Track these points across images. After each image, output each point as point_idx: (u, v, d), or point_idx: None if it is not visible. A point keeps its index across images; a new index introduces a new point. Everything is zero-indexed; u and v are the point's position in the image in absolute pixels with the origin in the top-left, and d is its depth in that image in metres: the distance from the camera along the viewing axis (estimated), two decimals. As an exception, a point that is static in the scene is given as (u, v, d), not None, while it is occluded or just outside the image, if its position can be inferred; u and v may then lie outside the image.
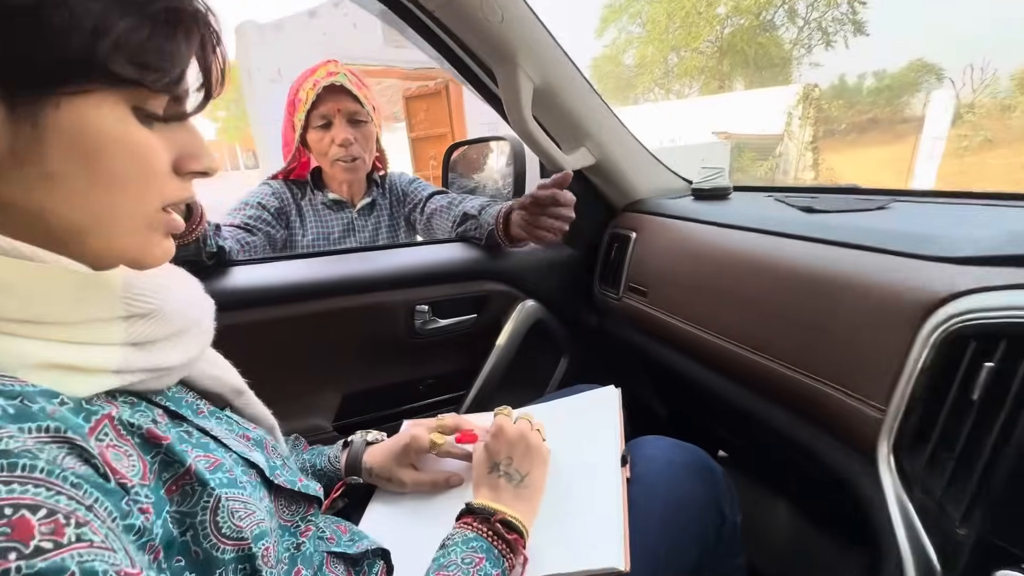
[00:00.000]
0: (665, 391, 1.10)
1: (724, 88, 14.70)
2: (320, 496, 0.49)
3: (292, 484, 0.46)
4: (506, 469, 0.56)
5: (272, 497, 0.44)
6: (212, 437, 0.41)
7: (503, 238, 0.95)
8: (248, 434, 0.46)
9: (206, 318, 0.45)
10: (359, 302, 0.92)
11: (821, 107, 9.03)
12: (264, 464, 0.43)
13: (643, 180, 1.04)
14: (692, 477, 0.59)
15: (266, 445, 0.48)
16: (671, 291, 0.86)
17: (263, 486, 0.43)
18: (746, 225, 0.76)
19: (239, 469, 0.41)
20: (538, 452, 0.57)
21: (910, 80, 15.29)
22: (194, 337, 0.42)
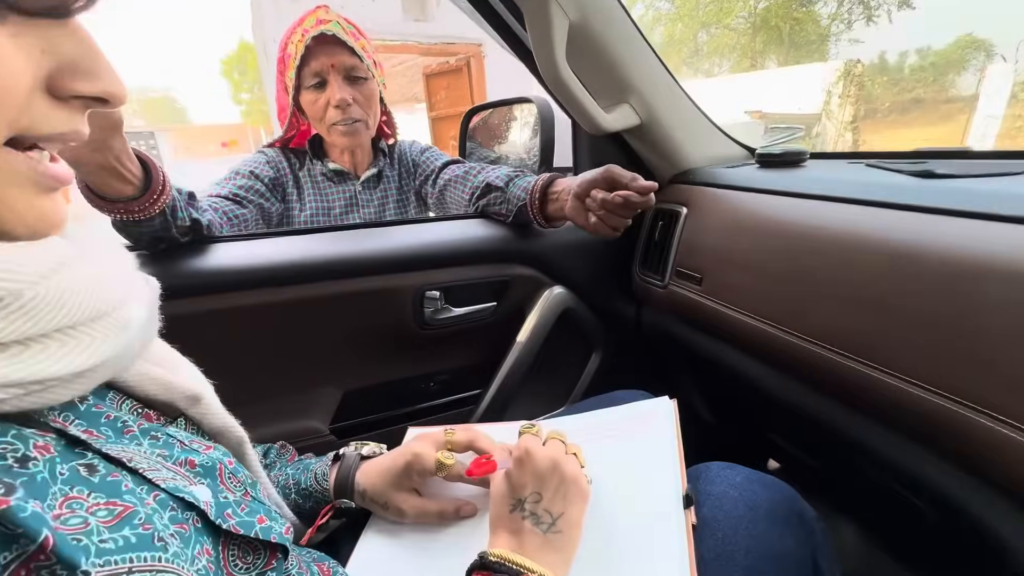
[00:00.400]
0: (716, 396, 0.95)
1: (756, 66, 14.08)
2: (287, 544, 0.37)
3: (248, 528, 0.34)
4: (533, 508, 0.42)
5: (220, 546, 0.32)
6: (130, 471, 0.29)
7: (537, 215, 0.80)
8: (194, 458, 0.35)
9: (136, 305, 0.33)
10: (361, 286, 0.78)
11: (863, 85, 8.53)
12: (209, 501, 0.32)
13: (696, 146, 0.87)
14: (780, 525, 0.45)
15: (220, 471, 0.36)
16: (734, 278, 0.71)
17: (205, 534, 0.31)
18: (840, 195, 0.60)
19: (166, 515, 0.29)
20: (575, 486, 0.43)
21: (957, 57, 14.39)
22: (108, 331, 0.30)
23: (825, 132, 8.23)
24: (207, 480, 0.34)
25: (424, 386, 0.92)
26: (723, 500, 0.46)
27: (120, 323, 0.32)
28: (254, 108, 22.22)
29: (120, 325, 0.32)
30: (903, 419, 0.49)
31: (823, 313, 0.57)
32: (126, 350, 0.33)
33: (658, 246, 0.87)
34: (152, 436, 0.34)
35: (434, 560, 0.50)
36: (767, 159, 0.79)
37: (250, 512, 0.35)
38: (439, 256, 0.82)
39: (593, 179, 0.70)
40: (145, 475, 0.29)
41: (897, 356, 0.48)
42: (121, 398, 0.35)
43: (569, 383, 1.01)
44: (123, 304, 0.33)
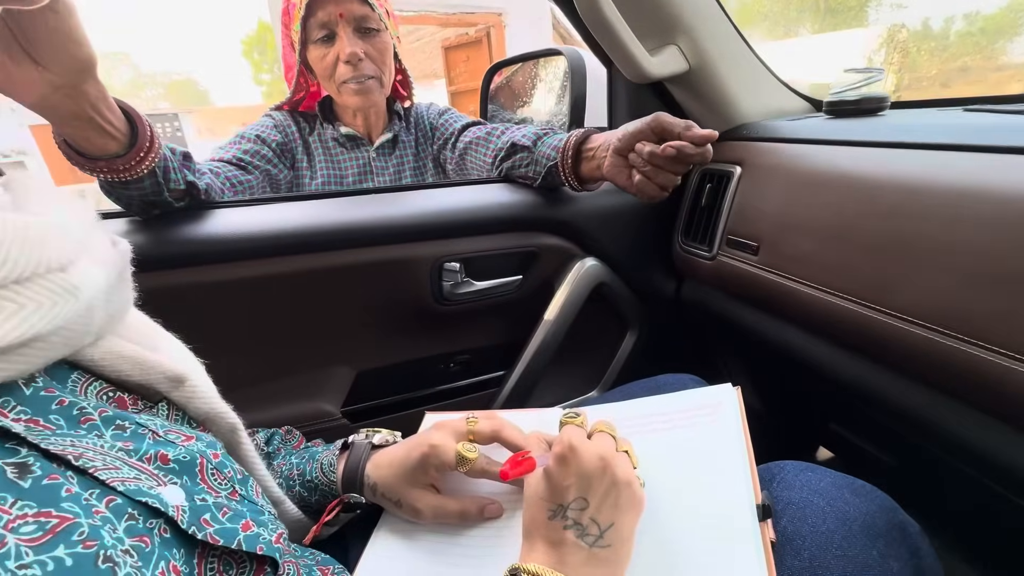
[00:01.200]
0: (767, 381, 0.86)
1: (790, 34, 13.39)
2: (275, 555, 0.31)
3: (229, 538, 0.28)
4: (577, 516, 0.34)
5: (195, 559, 0.27)
6: (77, 471, 0.24)
7: (570, 177, 0.71)
8: (168, 452, 0.29)
9: (91, 267, 0.28)
10: (374, 256, 0.71)
11: (907, 52, 8.01)
12: (181, 505, 0.27)
13: (752, 98, 0.76)
14: (881, 543, 0.36)
15: (201, 467, 0.31)
16: (799, 246, 0.61)
17: (174, 546, 0.26)
18: (944, 141, 0.49)
19: (122, 526, 0.24)
20: (628, 489, 0.35)
21: (1009, 21, 13.42)
22: (45, 296, 0.25)
23: (864, 103, 7.77)
24: (182, 478, 0.29)
25: (443, 367, 0.85)
26: (807, 510, 0.38)
27: (64, 287, 0.26)
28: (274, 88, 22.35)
29: (65, 289, 0.26)
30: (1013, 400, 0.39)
31: (924, 286, 0.47)
32: (79, 322, 0.27)
33: (705, 212, 0.77)
34: (117, 426, 0.29)
35: (455, 568, 0.43)
36: (839, 108, 0.68)
37: (234, 516, 0.30)
38: (459, 224, 0.74)
39: (638, 130, 0.60)
40: (97, 476, 0.24)
41: (1012, 332, 0.38)
42: (87, 380, 0.30)
43: (602, 365, 0.92)
44: (71, 265, 0.27)
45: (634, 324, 0.90)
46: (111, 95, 0.51)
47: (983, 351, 0.42)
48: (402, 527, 0.47)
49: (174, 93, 29.35)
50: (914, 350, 0.48)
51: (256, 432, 0.54)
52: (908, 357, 0.49)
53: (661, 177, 0.59)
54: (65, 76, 0.45)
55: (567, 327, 0.82)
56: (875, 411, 0.59)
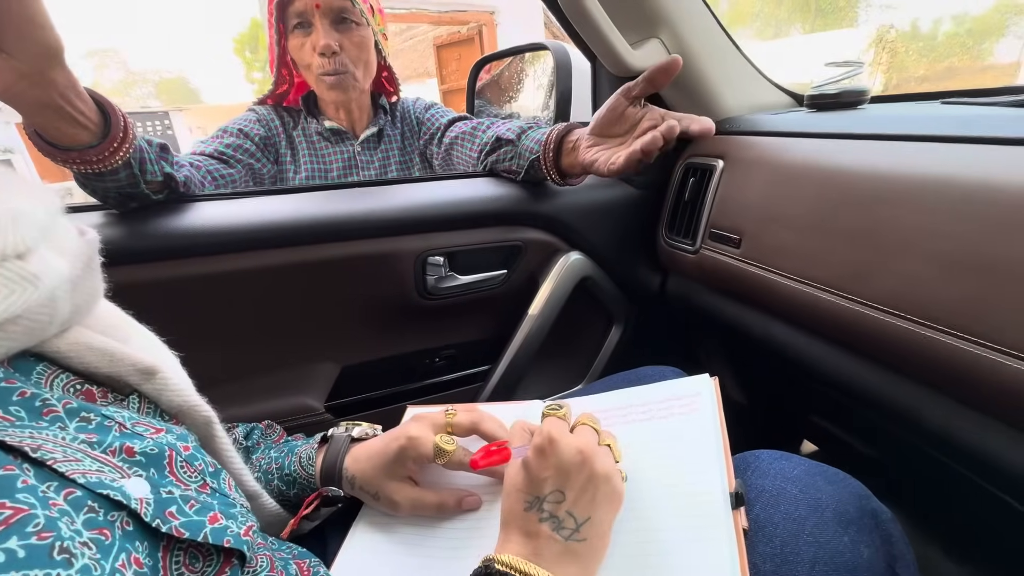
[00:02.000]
0: (750, 374, 0.86)
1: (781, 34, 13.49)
2: (243, 548, 0.30)
3: (195, 530, 0.28)
4: (553, 509, 0.34)
5: (159, 552, 0.26)
6: (34, 463, 0.23)
7: (551, 171, 0.71)
8: (134, 444, 0.29)
9: (52, 256, 0.28)
10: (357, 250, 0.70)
11: (896, 52, 8.09)
12: (145, 498, 0.26)
13: (735, 92, 0.77)
14: (852, 529, 0.36)
15: (170, 459, 0.30)
16: (780, 238, 0.61)
17: (137, 538, 0.25)
18: (921, 132, 0.49)
19: (80, 519, 0.23)
20: (607, 484, 0.35)
21: (996, 23, 13.58)
22: (3, 282, 0.25)
23: (853, 103, 7.83)
24: (148, 471, 0.29)
25: (428, 361, 0.84)
26: (780, 498, 0.38)
27: (22, 275, 0.26)
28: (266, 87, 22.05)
29: (22, 277, 0.26)
30: (1006, 402, 0.40)
31: (898, 275, 0.47)
32: (39, 309, 0.27)
33: (688, 206, 0.77)
34: (82, 418, 0.28)
35: (432, 559, 0.43)
36: (820, 101, 0.68)
37: (201, 509, 0.29)
38: (443, 218, 0.74)
39: (609, 107, 0.63)
40: (55, 468, 0.24)
41: (1007, 328, 0.39)
42: (53, 372, 0.30)
43: (587, 359, 0.92)
44: (29, 253, 0.26)
45: (619, 318, 0.90)
46: (81, 85, 0.51)
47: (953, 339, 0.42)
48: (381, 520, 0.47)
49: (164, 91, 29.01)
50: (889, 339, 0.48)
51: (236, 426, 0.54)
52: (884, 346, 0.49)
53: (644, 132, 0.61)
54: (31, 63, 0.44)
55: (552, 321, 0.82)
56: (854, 402, 0.59)
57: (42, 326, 0.28)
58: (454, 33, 5.83)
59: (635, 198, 0.84)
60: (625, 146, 0.61)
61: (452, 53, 5.91)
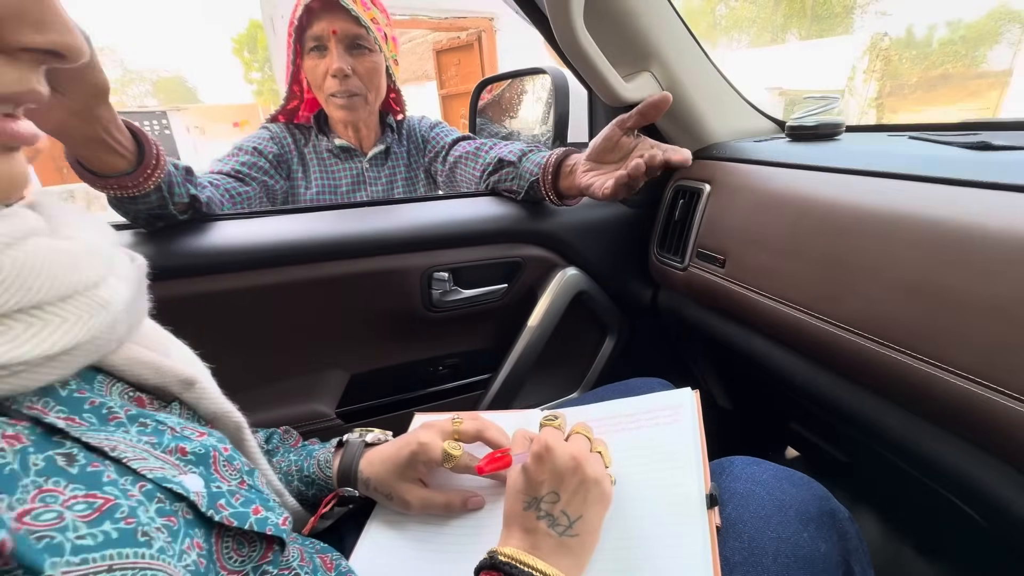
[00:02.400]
0: (735, 384, 0.91)
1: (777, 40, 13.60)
2: (283, 536, 0.35)
3: (242, 520, 0.32)
4: (549, 508, 0.39)
5: (212, 539, 0.30)
6: (113, 460, 0.27)
7: (550, 192, 0.76)
8: (186, 445, 0.33)
9: (117, 283, 0.31)
10: (368, 267, 0.75)
11: (890, 59, 8.18)
12: (201, 492, 0.30)
13: (721, 119, 0.82)
14: (812, 527, 0.41)
15: (214, 459, 0.34)
16: (760, 260, 0.66)
17: (195, 526, 0.29)
18: (884, 169, 0.55)
19: (152, 508, 0.27)
20: (597, 487, 0.40)
21: (989, 30, 13.72)
22: (83, 311, 0.28)
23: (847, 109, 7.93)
24: (199, 468, 0.32)
25: (432, 370, 0.89)
26: (749, 499, 0.43)
27: (98, 302, 0.30)
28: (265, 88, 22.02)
29: (98, 304, 0.30)
30: (960, 420, 0.45)
31: (861, 298, 0.52)
32: (107, 332, 0.31)
33: (678, 226, 0.82)
34: (140, 423, 0.32)
35: (441, 554, 0.48)
36: (799, 132, 0.73)
37: (245, 502, 0.33)
38: (447, 236, 0.79)
39: (604, 137, 0.69)
40: (130, 465, 0.28)
41: (950, 349, 0.44)
42: (111, 382, 0.33)
43: (582, 368, 0.98)
44: (102, 282, 0.31)
45: (613, 330, 0.95)
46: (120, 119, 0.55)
47: (909, 358, 0.47)
48: (393, 518, 0.52)
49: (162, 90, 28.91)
50: (855, 356, 0.53)
51: (256, 432, 0.58)
52: (850, 363, 0.55)
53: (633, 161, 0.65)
54: (82, 101, 0.48)
55: (549, 333, 0.87)
56: (826, 412, 0.64)
57: (107, 344, 0.31)
58: (454, 39, 5.89)
59: (629, 217, 0.89)
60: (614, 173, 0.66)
61: (451, 58, 5.96)
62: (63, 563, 0.21)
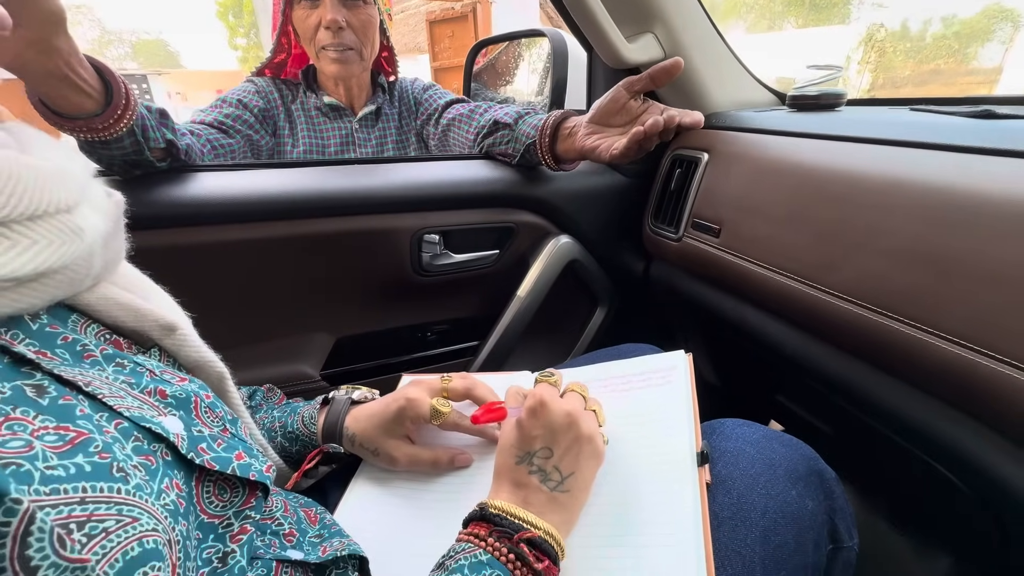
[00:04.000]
0: (723, 356, 0.92)
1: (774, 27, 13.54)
2: (267, 482, 0.33)
3: (224, 464, 0.31)
4: (542, 464, 0.39)
5: (193, 482, 0.29)
6: (87, 396, 0.26)
7: (547, 155, 0.74)
8: (166, 388, 0.31)
9: (91, 213, 0.30)
10: (356, 225, 0.73)
11: (884, 51, 8.19)
12: (180, 434, 0.29)
13: (723, 89, 0.80)
14: (800, 485, 0.42)
15: (195, 404, 0.33)
16: (756, 230, 0.66)
17: (175, 467, 0.28)
18: (885, 137, 0.54)
19: (129, 446, 0.26)
20: (590, 446, 0.40)
21: (982, 27, 13.80)
22: (53, 235, 0.27)
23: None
24: (180, 412, 0.31)
25: (420, 335, 0.88)
26: (739, 457, 0.43)
27: (71, 228, 0.28)
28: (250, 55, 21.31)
29: (71, 231, 0.28)
30: (949, 385, 0.45)
31: (858, 267, 0.52)
32: (82, 264, 0.29)
33: (674, 196, 0.81)
34: (118, 363, 0.31)
35: (427, 510, 0.47)
36: (801, 101, 0.72)
37: (227, 447, 0.32)
38: (439, 197, 0.77)
39: (610, 98, 0.67)
40: (105, 401, 0.26)
41: (949, 317, 0.44)
42: (86, 322, 0.32)
43: (571, 338, 0.97)
44: (75, 208, 0.29)
45: (604, 300, 0.95)
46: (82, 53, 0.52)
47: (902, 326, 0.47)
48: (379, 474, 0.51)
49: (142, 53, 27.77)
50: (848, 325, 0.53)
51: (240, 388, 0.57)
52: (843, 332, 0.55)
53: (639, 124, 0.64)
54: (37, 30, 0.45)
55: (540, 301, 0.86)
56: (816, 382, 0.64)
57: (81, 279, 0.29)
58: (448, 9, 5.74)
59: (624, 186, 0.88)
60: (627, 133, 0.64)
61: (445, 30, 5.82)
62: (31, 491, 0.20)
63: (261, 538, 0.34)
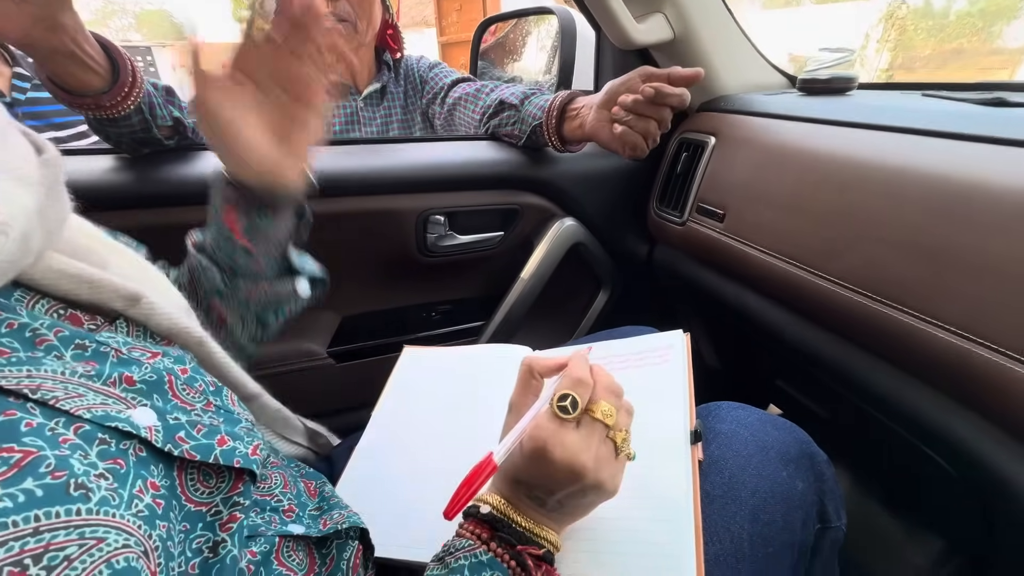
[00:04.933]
0: (724, 340, 0.92)
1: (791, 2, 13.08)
2: (253, 467, 0.30)
3: (205, 453, 0.28)
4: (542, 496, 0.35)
5: (175, 472, 0.27)
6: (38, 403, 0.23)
7: (553, 137, 0.74)
8: (133, 373, 0.28)
9: (15, 187, 0.26)
10: (361, 206, 0.74)
11: (905, 29, 7.90)
12: (154, 426, 0.26)
13: (732, 70, 0.79)
14: (791, 467, 0.43)
15: (169, 384, 0.30)
16: (761, 215, 0.66)
17: (151, 463, 0.25)
18: (895, 124, 0.53)
19: (94, 451, 0.23)
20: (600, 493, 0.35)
21: (1009, 4, 13.27)
22: None
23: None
24: (152, 398, 0.28)
25: (425, 315, 0.89)
26: (733, 439, 0.44)
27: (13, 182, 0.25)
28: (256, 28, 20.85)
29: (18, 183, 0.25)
30: (944, 374, 0.46)
31: (863, 256, 0.52)
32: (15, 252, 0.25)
33: (679, 180, 0.81)
34: (77, 345, 0.27)
35: (429, 478, 0.49)
36: (811, 85, 0.71)
37: (209, 432, 0.29)
38: (445, 179, 0.77)
39: (622, 82, 0.64)
40: (59, 407, 0.23)
41: (951, 308, 0.44)
42: (32, 297, 0.28)
43: (574, 319, 0.98)
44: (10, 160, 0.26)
45: (607, 283, 0.95)
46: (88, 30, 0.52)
47: (902, 315, 0.48)
48: (384, 446, 0.53)
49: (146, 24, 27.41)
50: (848, 312, 0.54)
51: None
52: (843, 319, 0.55)
53: (641, 124, 0.63)
54: (43, 6, 0.45)
55: (543, 283, 0.87)
56: (814, 369, 0.65)
57: (18, 264, 0.26)
58: (456, -18, 5.60)
59: (630, 169, 0.88)
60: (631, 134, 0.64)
61: (453, 3, 5.68)
62: None
63: (261, 515, 0.34)
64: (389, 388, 0.59)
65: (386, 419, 0.56)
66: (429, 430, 0.53)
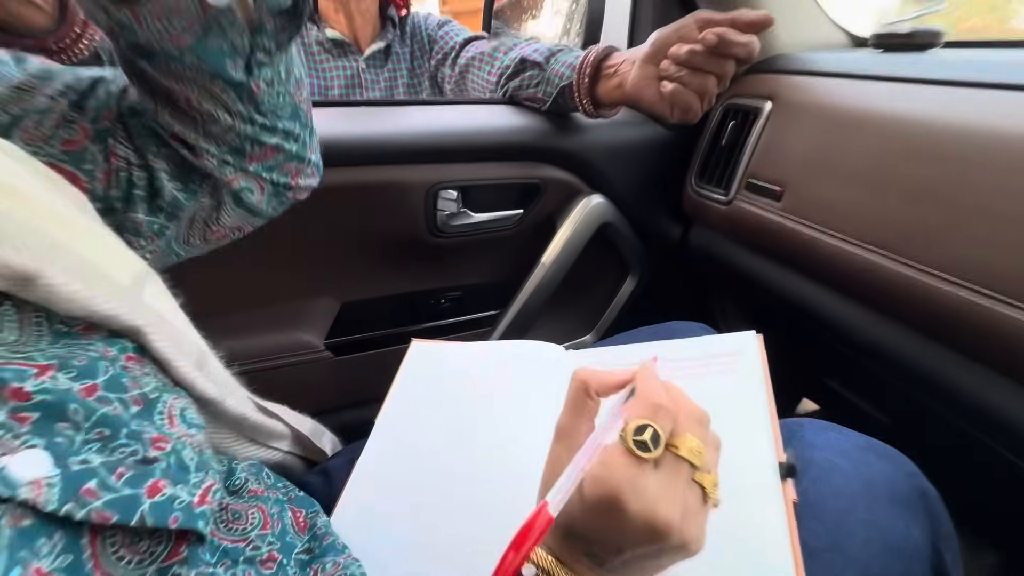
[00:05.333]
0: (768, 333, 0.83)
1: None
2: (197, 527, 0.23)
3: (126, 513, 0.21)
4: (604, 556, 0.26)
5: (85, 539, 0.20)
6: None
7: (585, 100, 0.63)
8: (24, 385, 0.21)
9: None
10: (363, 177, 0.64)
11: (921, 5, 7.68)
12: (44, 477, 0.19)
13: (790, 26, 0.69)
14: (904, 509, 0.34)
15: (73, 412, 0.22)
16: (831, 192, 0.56)
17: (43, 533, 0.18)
18: (997, 80, 0.44)
19: None
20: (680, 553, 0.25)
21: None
22: None
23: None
24: (46, 435, 0.20)
25: (433, 303, 0.80)
26: (831, 472, 0.35)
27: None
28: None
29: None
30: None
31: (972, 240, 0.43)
32: None
33: (725, 152, 0.71)
34: None
35: (449, 502, 0.40)
36: (889, 40, 0.61)
37: (136, 477, 0.22)
38: (458, 148, 0.67)
39: (675, 30, 0.54)
40: None
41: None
42: None
43: (598, 309, 0.89)
44: None
45: (635, 268, 0.86)
46: None
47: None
48: (390, 456, 0.44)
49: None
50: (946, 309, 0.45)
51: None
52: (938, 316, 0.46)
53: (698, 80, 0.52)
54: None
55: (567, 269, 0.78)
56: (888, 372, 0.57)
57: None
58: (459, -51, 5.35)
59: (666, 139, 0.78)
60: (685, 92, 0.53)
61: (456, -28, 5.45)
62: None
63: (232, 570, 0.26)
64: (395, 391, 0.50)
65: (392, 430, 0.47)
66: (443, 447, 0.44)
